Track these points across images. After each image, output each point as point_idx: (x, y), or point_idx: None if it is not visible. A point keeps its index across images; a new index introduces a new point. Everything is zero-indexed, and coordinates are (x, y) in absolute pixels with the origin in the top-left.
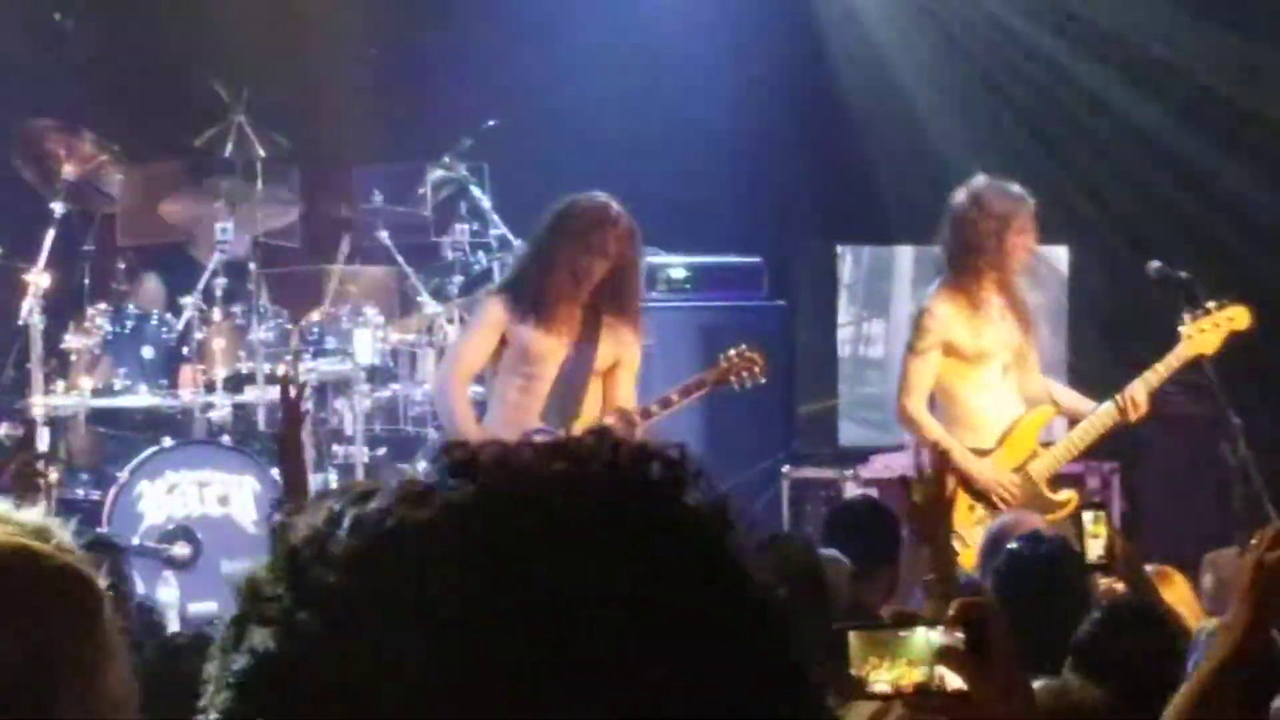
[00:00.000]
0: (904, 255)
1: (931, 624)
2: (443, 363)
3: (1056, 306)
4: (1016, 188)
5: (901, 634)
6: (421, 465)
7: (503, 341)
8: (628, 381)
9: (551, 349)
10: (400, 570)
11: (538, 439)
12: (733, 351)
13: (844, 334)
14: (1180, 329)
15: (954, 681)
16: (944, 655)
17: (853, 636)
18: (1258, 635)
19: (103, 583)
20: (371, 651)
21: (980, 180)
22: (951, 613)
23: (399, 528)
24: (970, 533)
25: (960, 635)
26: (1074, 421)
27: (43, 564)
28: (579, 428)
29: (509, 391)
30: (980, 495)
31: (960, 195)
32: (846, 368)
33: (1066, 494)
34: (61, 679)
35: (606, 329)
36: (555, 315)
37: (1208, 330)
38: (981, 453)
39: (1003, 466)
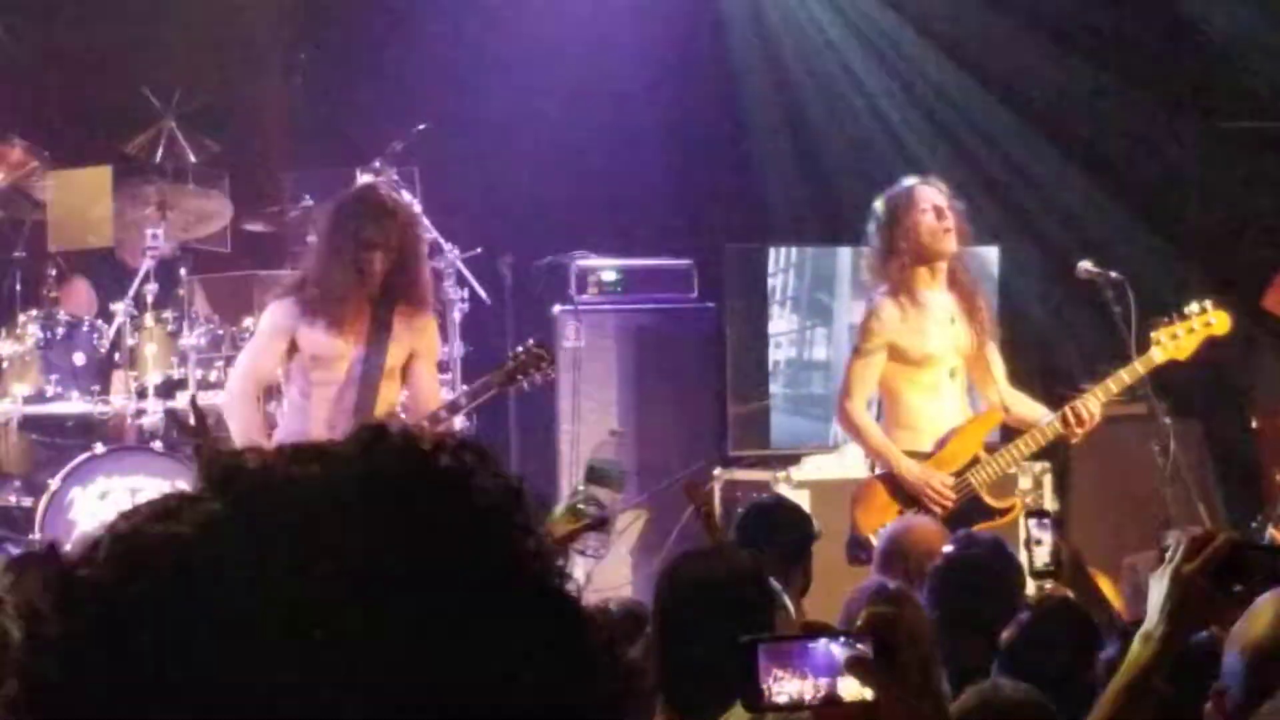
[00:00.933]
0: (843, 256)
1: (838, 634)
2: (231, 371)
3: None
4: (914, 178)
5: (810, 645)
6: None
7: (293, 346)
8: (427, 372)
9: (340, 350)
10: (153, 588)
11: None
12: (520, 349)
13: (778, 335)
14: (1151, 334)
15: (861, 691)
16: (850, 666)
17: (761, 648)
18: (1174, 647)
19: None
20: (129, 667)
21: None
22: (859, 623)
23: (148, 544)
24: None
25: (866, 645)
26: (1021, 429)
27: None
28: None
29: (300, 397)
30: (911, 499)
31: (876, 202)
32: (781, 369)
33: (1010, 500)
34: None
35: (399, 320)
36: (341, 314)
37: (1181, 336)
38: (920, 456)
39: (942, 470)
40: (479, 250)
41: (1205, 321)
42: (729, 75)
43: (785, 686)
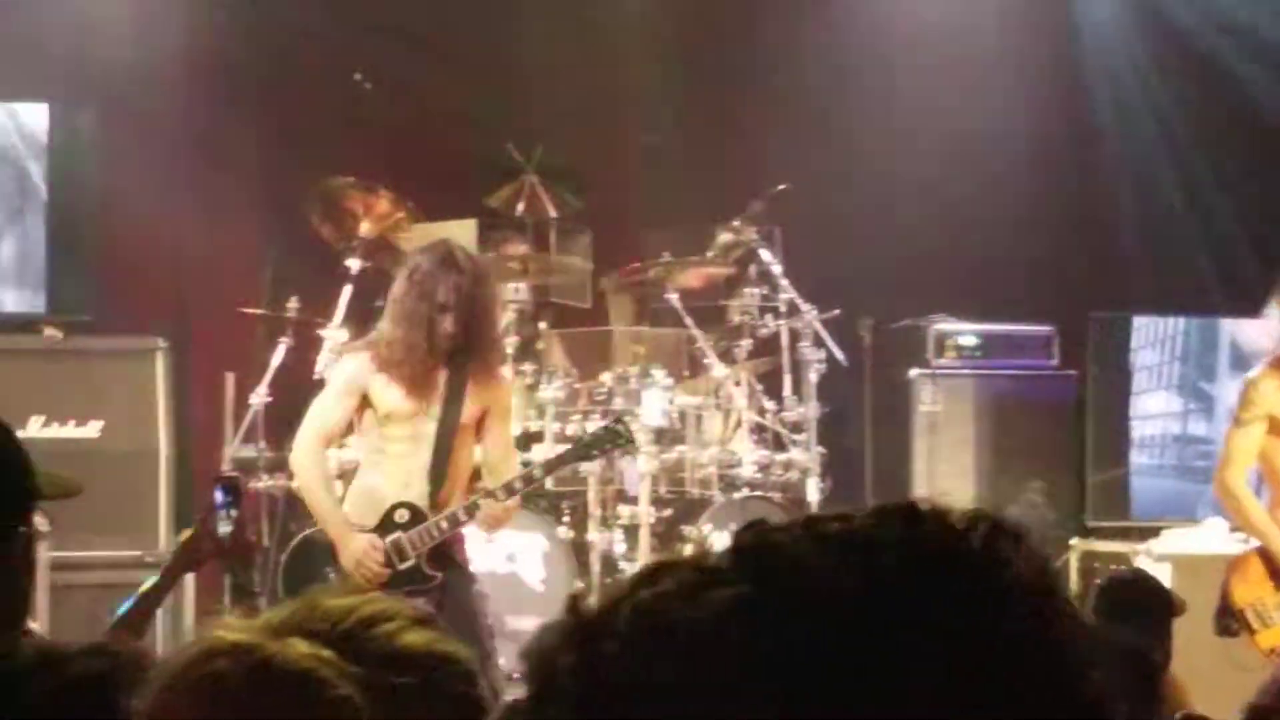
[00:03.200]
0: (1212, 328)
1: None
2: (302, 425)
3: None
4: None
5: None
6: (707, 528)
7: (365, 402)
8: (501, 431)
9: (414, 408)
10: (669, 666)
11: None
12: (603, 426)
13: (1140, 405)
14: None
15: None
16: None
17: None
18: None
19: None
20: None
21: None
22: None
23: (670, 625)
24: (1276, 614)
25: None
26: None
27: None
28: (452, 489)
29: (373, 453)
30: None
31: None
32: (1145, 440)
33: None
34: None
35: (472, 379)
36: (414, 373)
37: None
38: None
39: None
40: (837, 311)
41: None
42: (1093, 138)
43: None
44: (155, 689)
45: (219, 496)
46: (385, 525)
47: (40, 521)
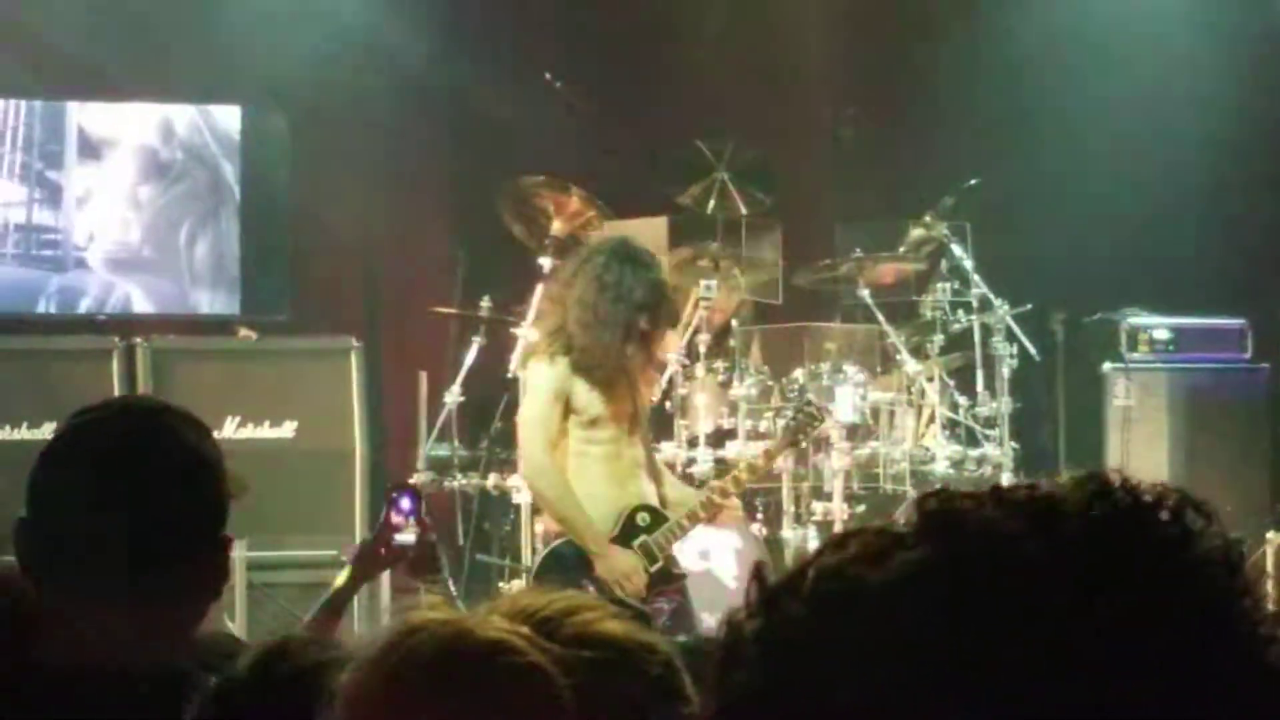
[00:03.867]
0: None
1: None
2: (523, 440)
3: None
4: None
5: None
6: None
7: (568, 406)
8: (647, 422)
9: (614, 410)
10: (854, 627)
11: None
12: (791, 412)
13: None
14: None
15: None
16: None
17: None
18: None
19: None
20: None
21: None
22: None
23: (851, 588)
24: None
25: None
26: None
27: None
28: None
29: (580, 457)
30: None
31: None
32: None
33: None
34: None
35: (642, 374)
36: (609, 375)
37: None
38: None
39: None
40: (1029, 306)
41: None
42: None
43: None
44: (352, 668)
45: (404, 503)
46: (628, 530)
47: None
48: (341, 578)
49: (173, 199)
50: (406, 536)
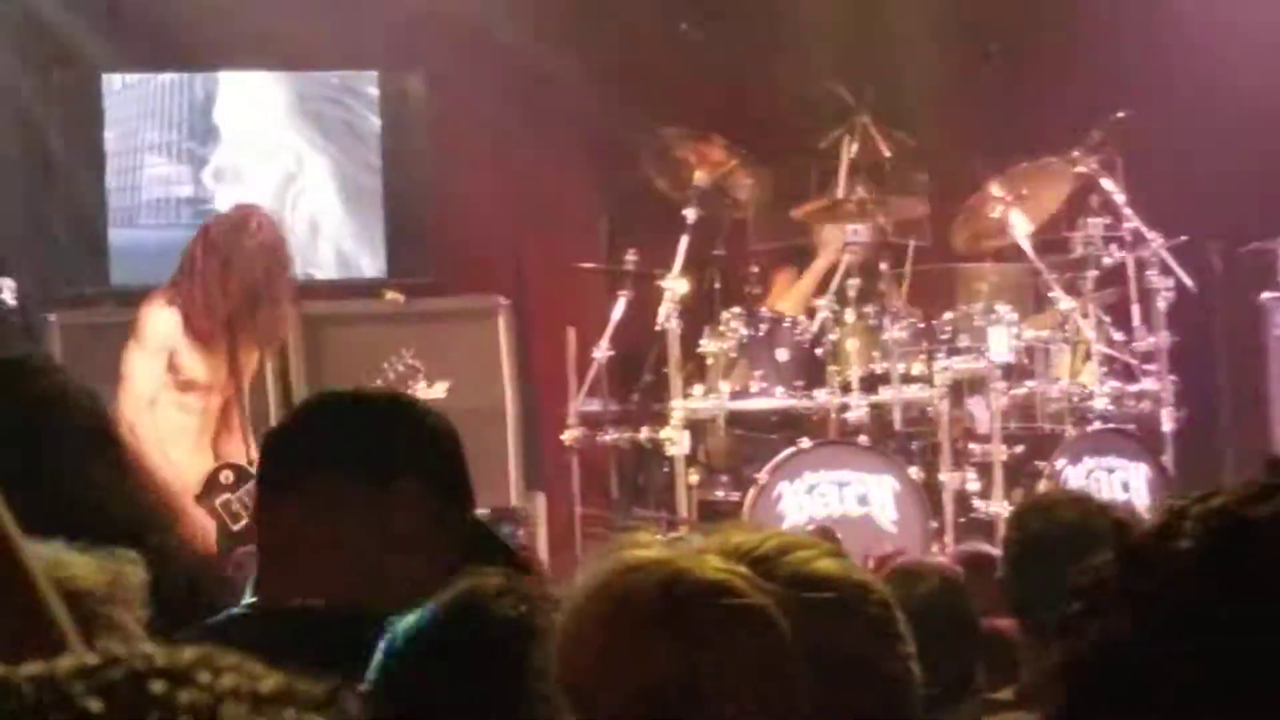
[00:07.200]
0: None
1: None
2: None
3: None
4: None
5: None
6: (1060, 463)
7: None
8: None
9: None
10: (1251, 557)
11: None
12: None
13: None
14: None
15: None
16: None
17: None
18: None
19: None
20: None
21: None
22: None
23: (1244, 522)
24: None
25: None
26: None
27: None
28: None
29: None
30: None
31: None
32: None
33: None
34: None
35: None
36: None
37: None
38: None
39: None
40: (1184, 238)
41: None
42: None
43: None
44: (569, 608)
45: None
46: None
47: None
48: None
49: (315, 166)
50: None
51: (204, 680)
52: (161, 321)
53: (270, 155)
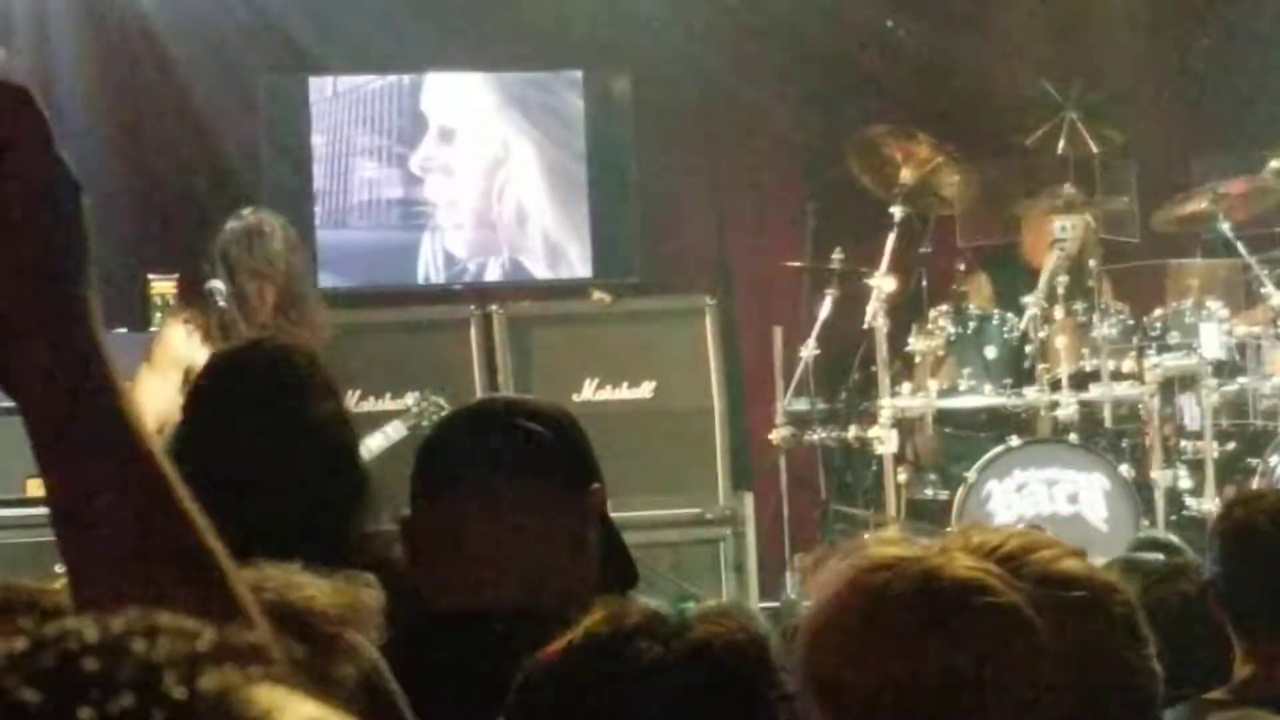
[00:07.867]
0: None
1: None
2: None
3: None
4: None
5: None
6: (1273, 459)
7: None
8: None
9: None
10: None
11: None
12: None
13: None
14: None
15: None
16: None
17: None
18: None
19: None
20: None
21: None
22: None
23: None
24: None
25: None
26: None
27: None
28: None
29: None
30: None
31: None
32: None
33: None
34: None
35: None
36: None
37: None
38: None
39: None
40: None
41: None
42: None
43: None
44: (815, 606)
45: None
46: None
47: None
48: None
49: (523, 167)
50: None
51: (139, 650)
52: (176, 336)
53: (478, 146)
